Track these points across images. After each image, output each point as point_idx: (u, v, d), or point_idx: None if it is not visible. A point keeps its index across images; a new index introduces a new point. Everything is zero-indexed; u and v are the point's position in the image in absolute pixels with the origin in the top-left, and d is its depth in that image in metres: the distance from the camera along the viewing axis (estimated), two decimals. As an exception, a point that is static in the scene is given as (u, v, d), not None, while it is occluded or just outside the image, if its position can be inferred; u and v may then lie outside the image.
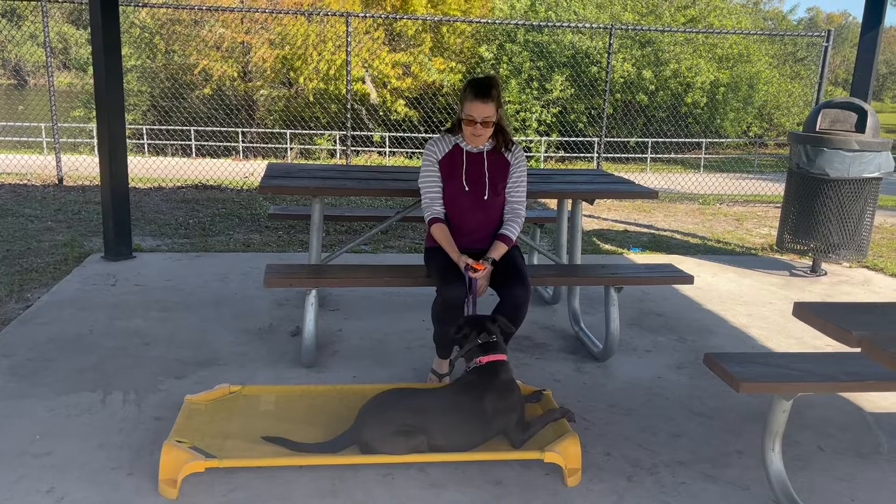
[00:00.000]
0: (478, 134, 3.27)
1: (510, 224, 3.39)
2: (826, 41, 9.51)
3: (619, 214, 8.46)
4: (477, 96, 3.21)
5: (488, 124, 3.25)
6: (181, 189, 9.09)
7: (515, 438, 2.75)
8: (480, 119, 3.22)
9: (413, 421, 2.66)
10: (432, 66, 20.91)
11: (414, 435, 2.64)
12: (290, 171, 4.29)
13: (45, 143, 15.77)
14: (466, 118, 3.24)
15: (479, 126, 3.24)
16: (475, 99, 3.21)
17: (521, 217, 3.42)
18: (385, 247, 6.22)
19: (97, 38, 5.11)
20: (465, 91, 3.25)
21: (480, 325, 2.91)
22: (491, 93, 3.21)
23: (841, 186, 5.35)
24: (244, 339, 3.97)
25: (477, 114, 3.22)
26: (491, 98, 3.22)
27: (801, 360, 2.65)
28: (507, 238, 3.35)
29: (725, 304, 4.96)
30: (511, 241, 3.37)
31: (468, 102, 3.23)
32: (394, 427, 2.64)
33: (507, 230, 3.38)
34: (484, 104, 3.21)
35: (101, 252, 5.53)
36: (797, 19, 52.49)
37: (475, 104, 3.21)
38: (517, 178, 3.43)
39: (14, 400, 3.13)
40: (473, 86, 3.24)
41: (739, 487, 2.70)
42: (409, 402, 2.72)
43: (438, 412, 2.69)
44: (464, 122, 3.26)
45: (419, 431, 2.64)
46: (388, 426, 2.64)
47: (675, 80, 21.27)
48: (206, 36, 20.75)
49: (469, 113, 3.23)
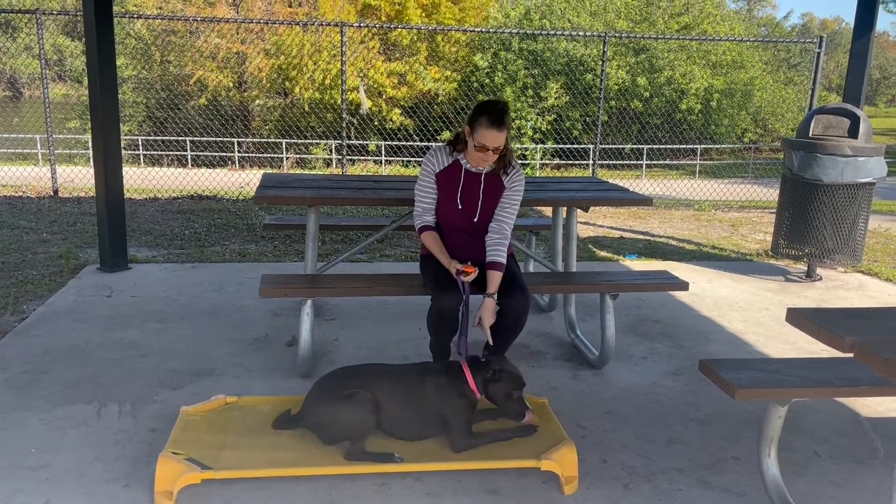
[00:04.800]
0: (487, 160, 3.25)
1: (497, 248, 3.28)
2: (819, 47, 9.57)
3: (615, 221, 8.47)
4: (492, 125, 3.12)
5: (498, 150, 3.21)
6: (177, 199, 9.09)
7: (456, 441, 2.77)
8: (493, 147, 3.17)
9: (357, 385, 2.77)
10: (427, 75, 20.98)
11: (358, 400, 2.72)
12: (285, 181, 4.29)
13: (41, 154, 15.77)
14: (479, 145, 3.17)
15: (491, 153, 3.20)
16: (490, 127, 3.13)
17: (507, 239, 3.33)
18: (381, 256, 6.22)
19: (92, 49, 5.12)
20: (479, 117, 3.16)
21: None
22: (505, 120, 3.14)
23: (835, 192, 5.38)
24: (240, 349, 3.97)
25: (490, 142, 3.15)
26: (505, 126, 3.15)
27: (797, 365, 2.65)
28: (499, 265, 3.25)
29: (721, 309, 4.97)
30: (503, 267, 3.27)
31: (482, 130, 3.14)
32: (338, 391, 2.77)
33: (497, 256, 3.27)
34: (499, 132, 3.14)
35: (96, 263, 5.52)
36: (791, 25, 52.80)
37: (490, 132, 3.13)
38: (509, 198, 3.36)
39: (9, 412, 3.12)
40: (488, 113, 3.14)
41: (736, 494, 2.70)
42: (356, 370, 2.90)
43: (384, 382, 2.81)
44: (476, 147, 3.19)
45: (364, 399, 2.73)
46: (331, 391, 2.78)
47: (670, 87, 21.38)
48: (201, 46, 20.79)
49: (482, 141, 3.15)
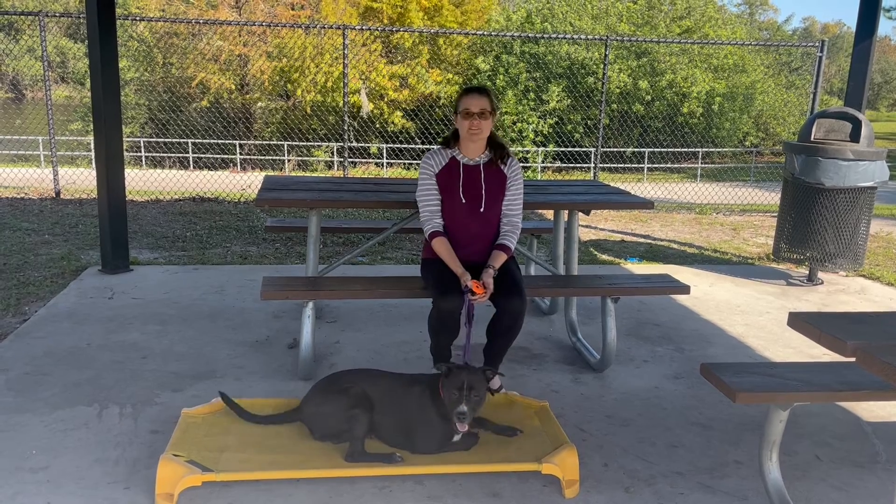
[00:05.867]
0: (475, 129, 3.30)
1: (508, 235, 3.43)
2: (820, 51, 9.57)
3: (616, 224, 8.47)
4: (472, 91, 3.33)
5: (486, 116, 3.30)
6: (178, 202, 9.10)
7: (405, 447, 2.80)
8: (478, 110, 3.28)
9: (353, 383, 2.85)
10: (429, 77, 21.01)
11: (353, 394, 2.79)
12: (287, 184, 4.29)
13: (43, 156, 15.80)
14: (464, 112, 3.29)
15: (477, 119, 3.28)
16: (470, 93, 3.32)
17: (518, 229, 3.46)
18: (382, 258, 6.22)
19: (95, 51, 5.13)
20: (460, 94, 3.37)
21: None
22: (484, 89, 3.37)
23: (836, 196, 5.37)
24: (241, 351, 3.97)
25: (474, 105, 3.28)
26: (485, 93, 3.34)
27: (798, 369, 2.65)
28: (507, 248, 3.39)
29: (722, 313, 4.97)
30: (510, 251, 3.40)
31: (464, 99, 3.32)
32: (331, 389, 2.85)
33: (506, 240, 3.41)
34: (479, 96, 3.31)
35: (98, 265, 5.52)
36: (792, 29, 52.81)
37: (471, 97, 3.30)
38: (514, 191, 3.46)
39: (10, 414, 3.12)
40: (467, 87, 3.45)
41: (737, 498, 2.70)
42: (352, 375, 2.96)
43: (374, 387, 2.86)
44: (462, 116, 3.30)
45: (356, 399, 2.78)
46: (326, 391, 2.86)
47: (671, 91, 21.38)
48: (203, 48, 20.83)
49: (466, 106, 3.29)
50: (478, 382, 2.70)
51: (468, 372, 2.72)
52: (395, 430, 2.81)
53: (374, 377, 2.94)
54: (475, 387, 2.68)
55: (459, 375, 2.69)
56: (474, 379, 2.70)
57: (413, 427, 2.78)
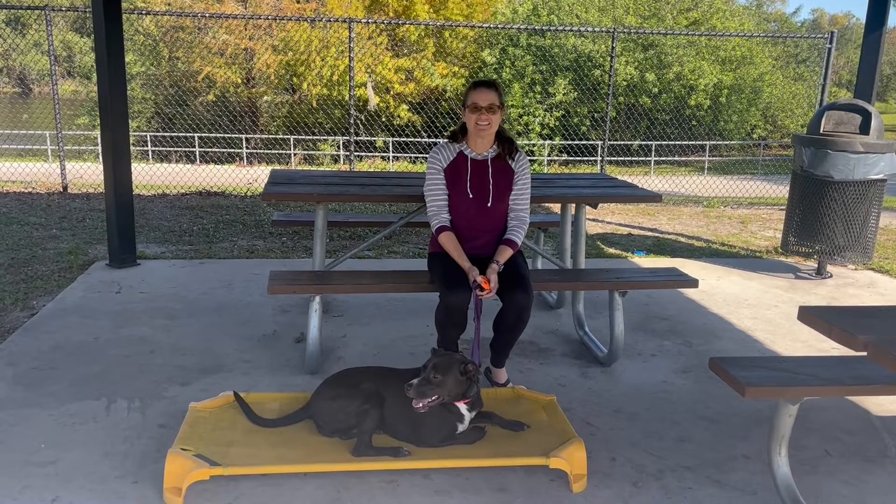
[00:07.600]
0: (483, 123, 3.29)
1: (515, 230, 3.41)
2: (829, 43, 9.49)
3: (623, 218, 8.45)
4: (480, 85, 3.32)
5: (494, 110, 3.29)
6: (185, 196, 9.11)
7: (411, 440, 2.81)
8: (486, 104, 3.27)
9: (363, 380, 2.86)
10: (435, 70, 20.96)
11: (364, 391, 2.80)
12: (293, 178, 4.29)
13: (50, 150, 15.83)
14: (472, 106, 3.28)
15: (485, 113, 3.27)
16: (478, 87, 3.31)
17: (525, 224, 3.44)
18: (389, 252, 6.22)
19: (101, 45, 5.13)
20: (468, 88, 3.36)
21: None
22: (493, 83, 3.35)
23: (846, 188, 5.34)
24: (248, 346, 3.97)
25: (482, 100, 3.27)
26: (494, 87, 3.33)
27: (807, 363, 2.63)
28: (513, 243, 3.37)
29: (730, 307, 4.94)
30: (517, 246, 3.39)
31: (472, 92, 3.31)
32: (342, 385, 2.86)
33: (513, 235, 3.39)
34: (488, 91, 3.30)
35: (105, 259, 5.54)
36: (801, 21, 52.44)
37: (479, 91, 3.29)
38: (522, 187, 3.44)
39: (19, 408, 3.13)
40: (475, 81, 3.40)
41: (746, 492, 2.69)
42: (360, 372, 2.97)
43: (388, 381, 2.86)
44: (470, 111, 3.29)
45: (366, 395, 2.79)
46: (336, 387, 2.86)
47: (679, 83, 21.27)
48: (209, 42, 20.83)
49: (474, 101, 3.28)
50: (446, 368, 2.73)
51: (444, 357, 2.79)
52: (400, 422, 2.82)
53: (382, 372, 2.96)
54: (439, 370, 2.72)
55: (434, 357, 2.78)
56: (445, 363, 2.74)
57: (417, 419, 2.78)
